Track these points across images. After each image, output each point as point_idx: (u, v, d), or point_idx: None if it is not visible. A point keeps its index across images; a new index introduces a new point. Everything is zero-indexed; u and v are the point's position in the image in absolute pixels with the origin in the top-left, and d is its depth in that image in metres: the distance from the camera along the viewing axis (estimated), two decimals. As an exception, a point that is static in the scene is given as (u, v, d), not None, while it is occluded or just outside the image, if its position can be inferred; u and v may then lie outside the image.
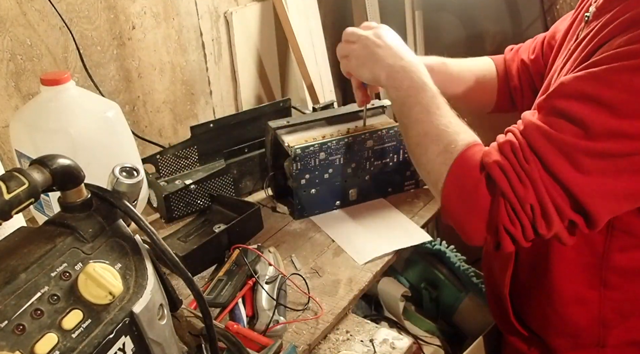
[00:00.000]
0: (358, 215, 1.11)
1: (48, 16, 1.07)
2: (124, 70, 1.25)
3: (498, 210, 0.68)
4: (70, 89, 0.91)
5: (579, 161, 0.65)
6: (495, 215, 0.69)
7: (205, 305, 0.60)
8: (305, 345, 0.81)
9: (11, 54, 1.04)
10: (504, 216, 0.68)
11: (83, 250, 0.52)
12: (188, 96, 1.42)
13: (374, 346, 0.85)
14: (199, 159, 1.21)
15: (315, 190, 1.08)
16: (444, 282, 1.27)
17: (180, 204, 1.09)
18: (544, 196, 0.66)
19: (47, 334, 0.46)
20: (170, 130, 1.40)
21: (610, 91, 0.64)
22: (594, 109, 0.64)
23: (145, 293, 0.53)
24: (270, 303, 0.85)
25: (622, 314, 0.81)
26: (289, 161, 1.05)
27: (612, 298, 0.80)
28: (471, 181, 0.71)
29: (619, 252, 0.77)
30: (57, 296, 0.48)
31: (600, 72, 0.65)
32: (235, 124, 1.21)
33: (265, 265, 0.92)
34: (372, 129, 1.08)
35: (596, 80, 0.65)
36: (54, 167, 0.51)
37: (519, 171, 0.67)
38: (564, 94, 0.67)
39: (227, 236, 0.98)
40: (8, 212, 0.47)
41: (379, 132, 1.08)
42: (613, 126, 0.64)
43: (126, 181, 0.57)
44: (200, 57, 1.42)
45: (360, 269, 0.96)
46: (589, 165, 0.65)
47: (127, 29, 1.23)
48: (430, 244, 1.29)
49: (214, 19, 1.42)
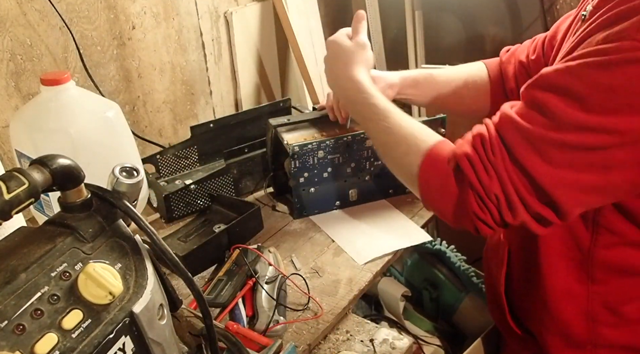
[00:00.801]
0: (358, 215, 1.11)
1: (48, 16, 1.08)
2: (124, 70, 1.25)
3: (467, 199, 0.72)
4: (70, 89, 0.91)
5: (547, 153, 0.67)
6: (465, 203, 0.72)
7: (205, 305, 0.60)
8: (305, 345, 0.81)
9: (11, 54, 1.04)
10: (473, 204, 0.71)
11: (83, 250, 0.52)
12: (188, 96, 1.42)
13: (374, 346, 0.85)
14: (199, 159, 1.21)
15: (314, 189, 1.08)
16: (444, 282, 1.28)
17: (180, 204, 1.09)
18: (507, 187, 0.69)
19: (47, 334, 0.46)
20: (170, 130, 1.40)
21: (580, 85, 0.65)
22: (564, 102, 0.66)
23: (145, 293, 0.53)
24: (270, 303, 0.85)
25: (610, 308, 0.82)
26: (288, 159, 1.05)
27: (599, 292, 0.81)
28: (441, 174, 0.75)
29: (603, 249, 0.79)
30: (57, 296, 0.48)
31: (574, 66, 0.66)
32: (235, 124, 1.21)
33: (265, 265, 0.92)
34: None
35: (569, 74, 0.66)
36: (54, 167, 0.51)
37: (485, 163, 0.70)
38: (541, 85, 0.69)
39: (227, 236, 0.98)
40: (8, 212, 0.47)
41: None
42: (581, 119, 0.65)
43: (126, 181, 0.57)
44: (200, 57, 1.42)
45: (360, 269, 0.96)
46: (556, 156, 0.66)
47: (127, 29, 1.23)
48: (430, 244, 1.29)
49: (214, 19, 1.43)
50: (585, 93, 0.64)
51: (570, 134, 0.65)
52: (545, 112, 0.67)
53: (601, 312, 0.82)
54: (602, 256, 0.79)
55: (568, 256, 0.81)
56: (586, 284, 0.81)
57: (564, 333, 0.85)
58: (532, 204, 0.69)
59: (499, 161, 0.69)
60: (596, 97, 0.64)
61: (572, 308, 0.83)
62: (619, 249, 0.78)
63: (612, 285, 0.80)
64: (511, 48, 1.08)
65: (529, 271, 0.86)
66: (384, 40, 1.87)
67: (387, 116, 0.84)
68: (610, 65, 0.63)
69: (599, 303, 0.81)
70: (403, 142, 0.81)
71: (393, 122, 0.83)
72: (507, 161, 0.69)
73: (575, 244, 0.80)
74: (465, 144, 0.73)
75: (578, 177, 0.67)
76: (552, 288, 0.83)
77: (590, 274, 0.80)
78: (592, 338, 0.83)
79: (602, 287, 0.81)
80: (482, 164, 0.70)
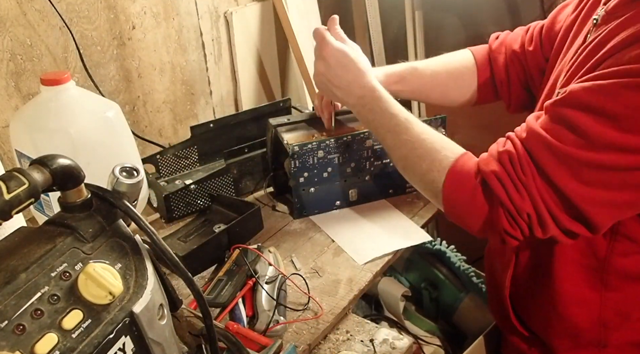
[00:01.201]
0: (358, 215, 1.11)
1: (48, 16, 1.07)
2: (124, 70, 1.25)
3: (498, 216, 0.71)
4: (70, 89, 0.91)
5: (580, 172, 0.66)
6: (495, 220, 0.72)
7: (205, 305, 0.60)
8: (305, 345, 0.81)
9: (11, 54, 1.04)
10: (504, 221, 0.71)
11: (83, 250, 0.52)
12: (188, 96, 1.42)
13: (374, 346, 0.85)
14: (199, 159, 1.21)
15: (314, 189, 1.08)
16: (444, 282, 1.28)
17: (180, 204, 1.09)
18: (539, 205, 0.68)
19: (47, 334, 0.46)
20: (170, 130, 1.40)
21: (615, 105, 0.64)
22: (597, 121, 0.64)
23: (145, 293, 0.53)
24: (270, 303, 0.85)
25: (623, 315, 0.81)
26: (288, 159, 1.05)
27: (613, 299, 0.80)
28: (467, 190, 0.73)
29: (620, 257, 0.77)
30: (57, 296, 0.48)
31: (607, 85, 0.65)
32: (235, 124, 1.21)
33: (265, 265, 0.92)
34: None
35: (603, 94, 0.65)
36: (54, 167, 0.51)
37: (515, 182, 0.69)
38: (570, 103, 0.67)
39: (227, 236, 0.98)
40: (8, 212, 0.47)
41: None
42: (616, 139, 0.64)
43: (126, 181, 0.57)
44: (200, 57, 1.42)
45: (360, 269, 0.96)
46: (590, 176, 0.66)
47: (127, 29, 1.23)
48: (430, 244, 1.29)
49: (214, 19, 1.43)
50: (621, 113, 0.63)
51: (605, 154, 0.65)
52: (577, 131, 0.66)
53: (614, 318, 0.81)
54: (619, 264, 0.78)
55: (582, 262, 0.79)
56: (600, 291, 0.80)
57: (572, 336, 0.84)
58: (563, 221, 0.68)
59: (529, 180, 0.68)
60: (632, 118, 0.63)
61: (583, 313, 0.82)
62: (636, 256, 0.77)
63: (626, 292, 0.80)
64: (500, 35, 1.05)
65: (537, 275, 0.85)
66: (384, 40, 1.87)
67: (408, 128, 0.81)
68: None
69: (611, 310, 0.80)
70: (427, 157, 0.78)
71: (415, 135, 0.80)
72: (538, 178, 0.68)
73: (592, 252, 0.79)
74: (491, 160, 0.72)
75: (612, 196, 0.67)
76: (563, 294, 0.82)
77: (605, 281, 0.79)
78: (601, 340, 0.82)
79: (616, 294, 0.80)
80: (513, 183, 0.69)
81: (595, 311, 0.81)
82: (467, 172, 0.74)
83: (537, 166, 0.68)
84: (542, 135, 0.68)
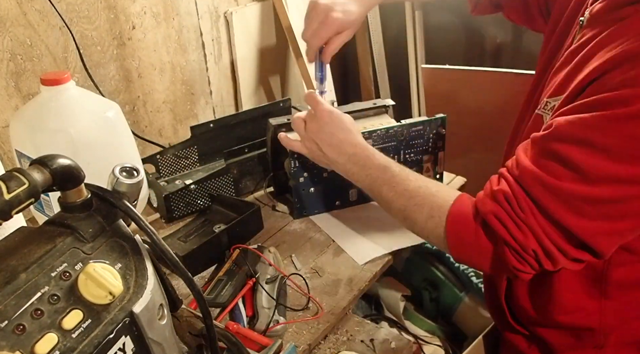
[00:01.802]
0: (358, 215, 1.11)
1: (48, 16, 1.08)
2: (124, 70, 1.25)
3: (504, 255, 0.71)
4: (70, 89, 0.91)
5: (579, 207, 0.65)
6: (502, 259, 0.72)
7: (205, 305, 0.60)
8: (305, 345, 0.81)
9: (11, 54, 1.04)
10: (511, 259, 0.71)
11: (83, 250, 0.52)
12: (188, 95, 1.42)
13: (374, 346, 0.85)
14: (199, 159, 1.21)
15: (314, 189, 1.08)
16: (444, 282, 1.28)
17: (180, 204, 1.09)
18: (544, 240, 0.68)
19: (47, 334, 0.46)
20: (170, 130, 1.40)
21: (604, 138, 0.63)
22: (589, 154, 0.64)
23: (145, 293, 0.53)
24: (270, 303, 0.85)
25: (624, 319, 0.81)
26: (288, 159, 1.05)
27: (613, 307, 0.80)
28: (470, 232, 0.74)
29: (619, 267, 0.77)
30: (57, 296, 0.48)
31: (591, 119, 0.64)
32: (235, 124, 1.21)
33: (265, 265, 0.92)
34: (371, 129, 1.08)
35: (589, 128, 0.64)
36: (54, 167, 0.51)
37: (516, 220, 0.69)
38: (558, 137, 0.66)
39: (227, 236, 0.98)
40: (8, 212, 0.47)
41: (378, 131, 1.08)
42: (610, 170, 0.63)
43: (126, 181, 0.57)
44: (200, 57, 1.42)
45: (360, 269, 0.96)
46: (589, 210, 0.65)
47: (127, 29, 1.23)
48: (430, 244, 1.29)
49: (214, 19, 1.43)
50: (611, 144, 0.63)
51: (601, 187, 0.64)
52: (569, 165, 0.65)
53: (615, 323, 0.81)
54: (618, 274, 0.78)
55: (581, 273, 0.79)
56: (599, 300, 0.80)
57: (571, 338, 0.84)
58: (570, 251, 0.68)
59: (529, 217, 0.68)
60: (623, 147, 0.62)
61: (583, 320, 0.82)
62: (635, 266, 0.77)
63: (625, 299, 0.80)
64: None
65: (535, 285, 0.85)
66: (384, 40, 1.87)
67: (404, 179, 0.82)
68: (632, 116, 0.61)
69: (612, 316, 0.80)
70: (425, 205, 0.78)
71: (412, 185, 0.81)
72: (538, 215, 0.67)
73: (589, 264, 0.77)
74: (487, 200, 0.72)
75: (614, 226, 0.66)
76: (562, 303, 0.82)
77: (604, 291, 0.79)
78: (600, 342, 0.83)
79: (615, 302, 0.80)
80: (513, 221, 0.69)
81: (596, 318, 0.81)
82: (467, 215, 0.74)
83: (535, 203, 0.68)
84: (535, 172, 0.67)
